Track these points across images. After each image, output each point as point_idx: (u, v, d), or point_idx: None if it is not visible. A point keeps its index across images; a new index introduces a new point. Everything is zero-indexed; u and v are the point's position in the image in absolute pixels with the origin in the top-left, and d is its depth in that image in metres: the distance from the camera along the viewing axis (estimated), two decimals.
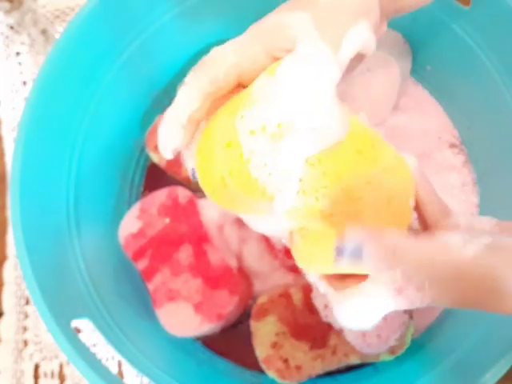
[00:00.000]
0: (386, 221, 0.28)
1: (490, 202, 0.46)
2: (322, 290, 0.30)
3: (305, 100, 0.26)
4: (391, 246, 0.25)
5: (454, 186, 0.47)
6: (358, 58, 0.30)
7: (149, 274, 0.42)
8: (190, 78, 0.29)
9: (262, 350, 0.41)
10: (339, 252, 0.24)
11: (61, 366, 0.47)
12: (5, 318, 0.48)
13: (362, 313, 0.27)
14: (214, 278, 0.41)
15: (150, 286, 0.42)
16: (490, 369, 0.32)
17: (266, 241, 0.43)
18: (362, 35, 0.29)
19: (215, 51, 0.29)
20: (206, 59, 0.29)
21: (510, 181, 0.43)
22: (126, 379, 0.46)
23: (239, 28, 0.29)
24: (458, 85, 0.46)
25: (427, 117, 0.49)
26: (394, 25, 0.45)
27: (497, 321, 0.36)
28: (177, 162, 0.45)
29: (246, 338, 0.42)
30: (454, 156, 0.48)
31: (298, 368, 0.40)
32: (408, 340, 0.41)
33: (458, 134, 0.48)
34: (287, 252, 0.42)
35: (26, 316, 0.48)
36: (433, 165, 0.47)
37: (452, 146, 0.48)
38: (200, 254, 0.42)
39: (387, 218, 0.28)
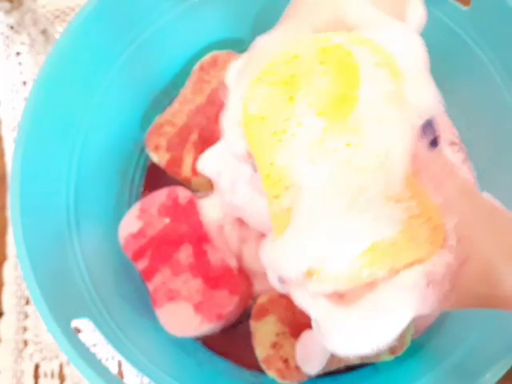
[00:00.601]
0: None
1: None
2: (316, 313, 0.26)
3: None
4: None
5: None
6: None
7: (149, 274, 0.42)
8: (242, 72, 0.27)
9: (261, 350, 0.41)
10: None
11: (61, 366, 0.47)
12: (5, 317, 0.48)
13: (376, 327, 0.24)
14: (214, 278, 0.41)
15: (150, 286, 0.42)
16: (490, 369, 0.32)
17: None
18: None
19: (262, 42, 0.27)
20: (255, 53, 0.27)
21: (510, 179, 0.43)
22: (126, 379, 0.46)
23: (240, 28, 0.29)
24: (458, 85, 0.46)
25: None
26: None
27: (497, 321, 0.36)
28: (177, 161, 0.45)
29: (246, 338, 0.42)
30: (454, 154, 0.48)
31: (298, 368, 0.40)
32: (408, 340, 0.41)
33: (457, 132, 0.48)
34: None
35: (26, 316, 0.48)
36: None
37: (452, 143, 0.48)
38: (200, 254, 0.42)
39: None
